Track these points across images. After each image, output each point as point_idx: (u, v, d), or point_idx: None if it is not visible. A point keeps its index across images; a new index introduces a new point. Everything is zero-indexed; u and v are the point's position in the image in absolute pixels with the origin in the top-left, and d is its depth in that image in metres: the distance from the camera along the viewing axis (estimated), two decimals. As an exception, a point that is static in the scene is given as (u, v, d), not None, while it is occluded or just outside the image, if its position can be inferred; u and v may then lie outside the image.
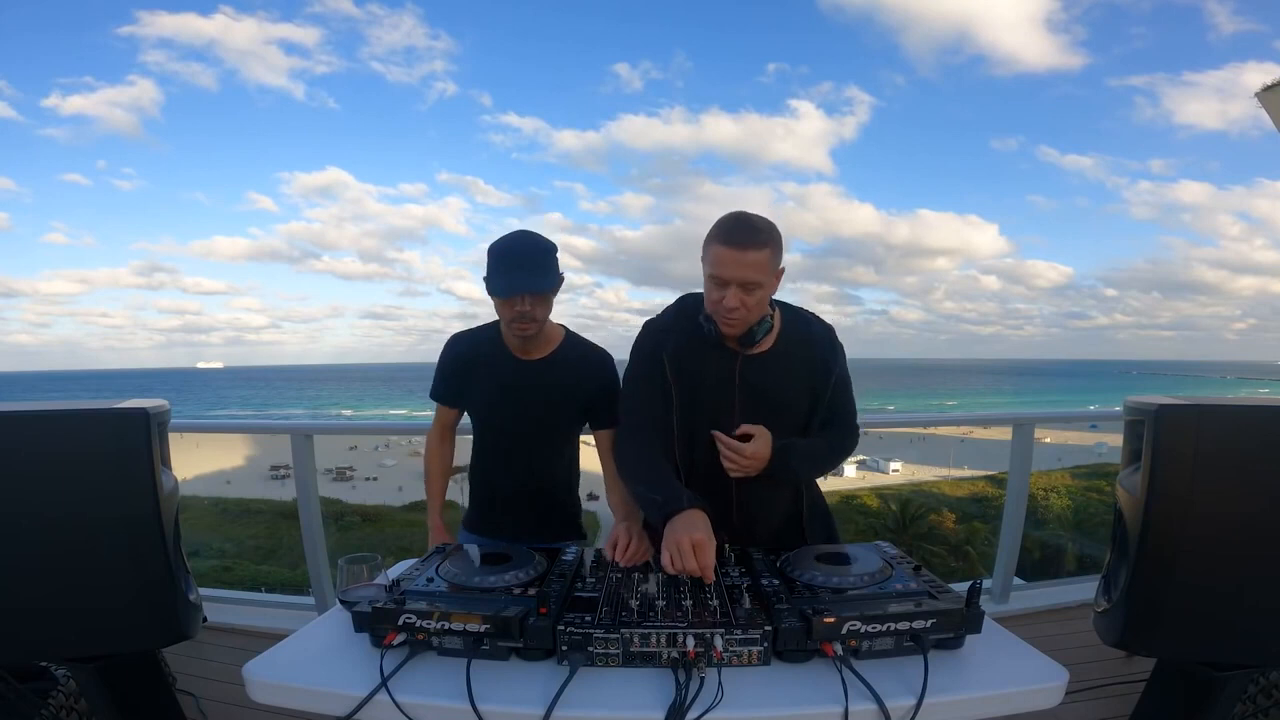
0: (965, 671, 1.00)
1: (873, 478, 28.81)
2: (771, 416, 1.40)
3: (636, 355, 1.47)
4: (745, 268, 1.28)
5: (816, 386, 1.45)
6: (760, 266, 1.29)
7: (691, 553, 1.13)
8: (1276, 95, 5.49)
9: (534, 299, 1.50)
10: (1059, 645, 2.20)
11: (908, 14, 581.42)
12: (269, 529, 15.43)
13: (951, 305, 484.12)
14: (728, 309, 1.31)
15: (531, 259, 1.50)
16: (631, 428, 1.44)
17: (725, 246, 1.29)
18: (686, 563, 1.12)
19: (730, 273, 1.29)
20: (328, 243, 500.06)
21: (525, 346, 1.63)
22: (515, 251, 1.50)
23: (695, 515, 1.20)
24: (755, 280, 1.30)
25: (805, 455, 1.41)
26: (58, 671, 1.53)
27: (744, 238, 1.29)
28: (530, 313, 1.51)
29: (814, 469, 1.50)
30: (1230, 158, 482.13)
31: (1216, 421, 1.22)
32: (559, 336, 1.68)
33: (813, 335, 1.47)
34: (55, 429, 1.20)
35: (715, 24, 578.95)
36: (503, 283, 1.48)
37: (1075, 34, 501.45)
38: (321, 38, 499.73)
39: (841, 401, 1.48)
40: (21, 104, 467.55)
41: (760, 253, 1.29)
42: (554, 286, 1.54)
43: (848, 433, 1.50)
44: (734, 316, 1.33)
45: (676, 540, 1.15)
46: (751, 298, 1.31)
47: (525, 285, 1.48)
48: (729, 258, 1.28)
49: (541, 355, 1.65)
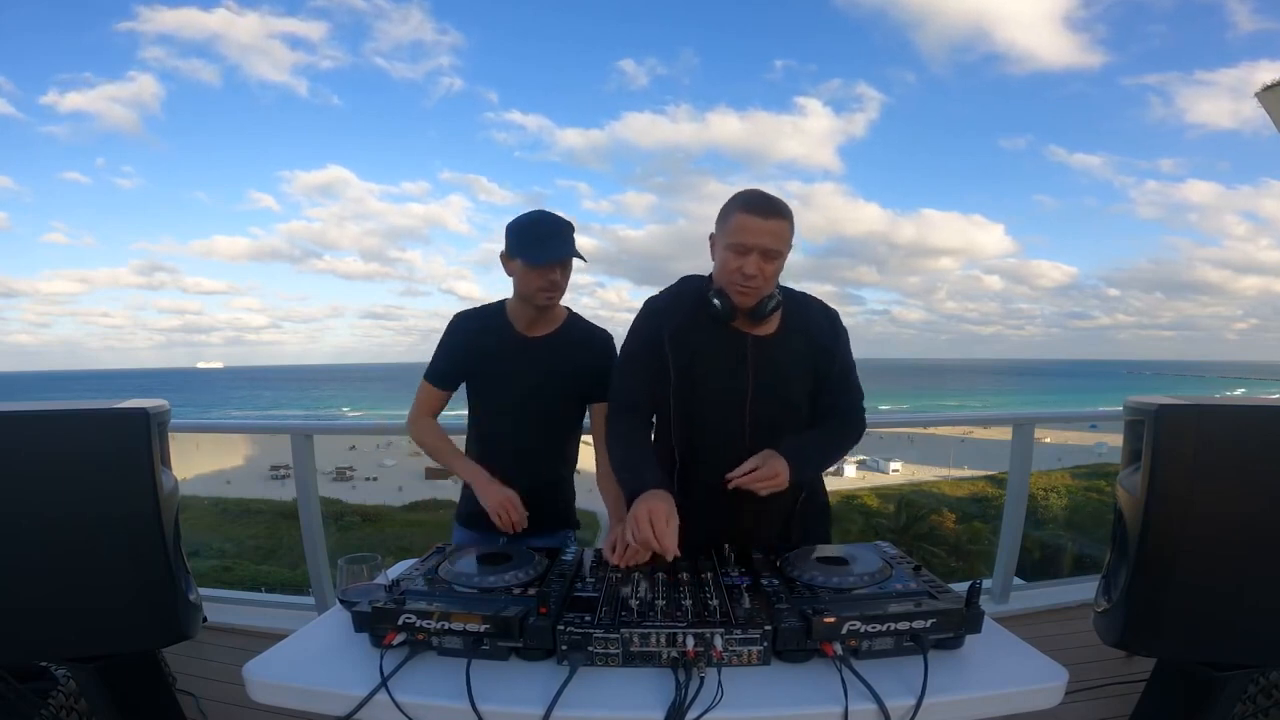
0: (965, 671, 1.00)
1: (873, 478, 28.79)
2: (781, 401, 1.41)
3: (634, 334, 1.46)
4: (767, 235, 1.30)
5: (819, 369, 1.45)
6: (781, 235, 1.32)
7: (647, 522, 1.14)
8: (1277, 95, 5.49)
9: (564, 268, 1.56)
10: (1059, 645, 2.20)
11: (923, 10, 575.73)
12: (269, 529, 15.41)
13: (953, 305, 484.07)
14: (747, 276, 1.32)
15: (563, 230, 1.56)
16: (623, 406, 1.45)
17: (749, 214, 1.31)
18: (642, 531, 1.14)
19: (753, 239, 1.30)
20: (329, 242, 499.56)
21: (534, 323, 1.65)
22: (547, 223, 1.56)
23: (655, 492, 1.22)
24: (775, 249, 1.32)
25: (814, 455, 1.40)
26: (58, 671, 1.53)
27: (767, 205, 1.32)
28: (559, 281, 1.57)
29: (822, 463, 1.48)
30: (1240, 157, 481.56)
31: (1216, 421, 1.22)
32: (563, 315, 1.71)
33: (815, 318, 1.47)
34: (55, 429, 1.20)
35: (723, 20, 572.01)
36: (541, 251, 1.53)
37: (1096, 32, 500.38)
38: (327, 32, 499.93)
39: (845, 387, 1.48)
40: (20, 100, 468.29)
41: (781, 222, 1.32)
42: (582, 256, 1.59)
43: (852, 421, 1.49)
44: (751, 284, 1.33)
45: (634, 513, 1.18)
46: (770, 266, 1.33)
47: (563, 251, 1.53)
48: (752, 224, 1.30)
49: (547, 332, 1.67)
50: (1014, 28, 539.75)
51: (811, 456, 1.38)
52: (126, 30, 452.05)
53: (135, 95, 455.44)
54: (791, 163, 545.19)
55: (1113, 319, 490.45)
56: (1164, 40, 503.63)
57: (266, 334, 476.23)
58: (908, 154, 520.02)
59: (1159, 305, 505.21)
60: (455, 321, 1.72)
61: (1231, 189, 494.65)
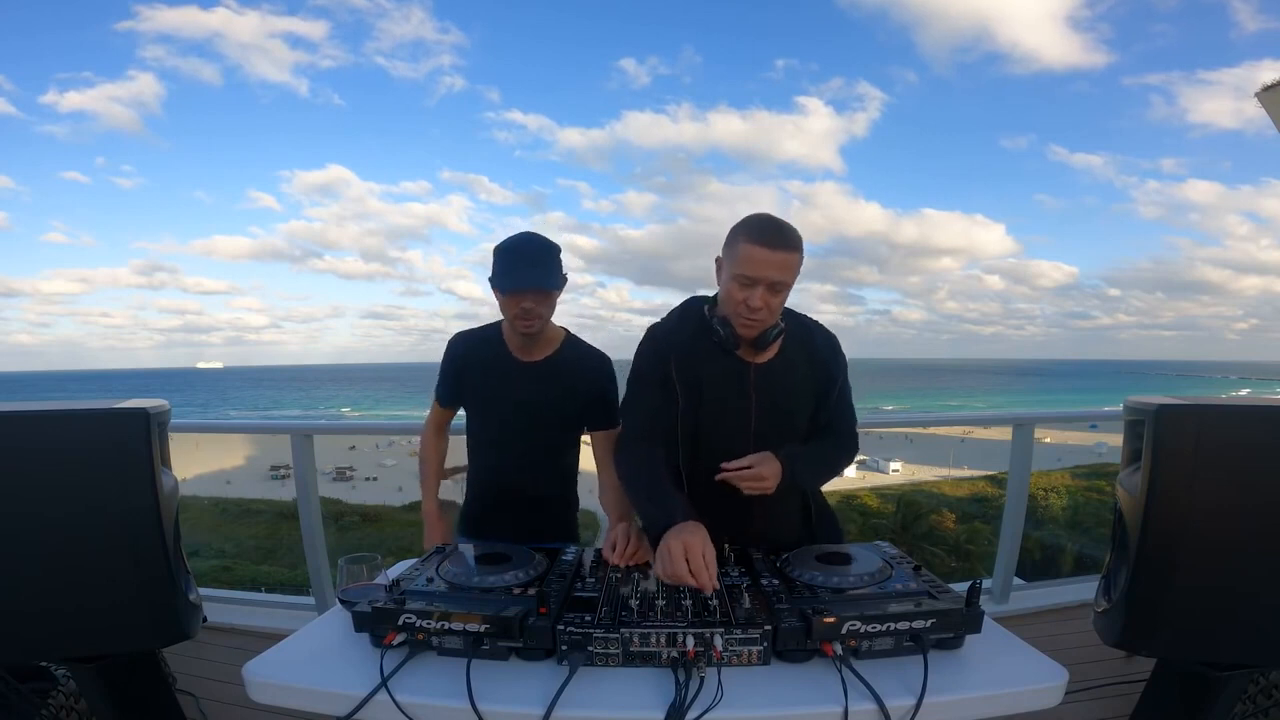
0: (965, 671, 1.00)
1: (873, 478, 28.78)
2: (783, 425, 1.41)
3: (641, 360, 1.45)
4: (774, 268, 1.28)
5: (820, 394, 1.45)
6: (789, 268, 1.30)
7: (682, 558, 1.10)
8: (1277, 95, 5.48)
9: (538, 296, 1.51)
10: (1059, 645, 2.20)
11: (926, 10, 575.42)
12: (269, 529, 15.42)
13: (954, 305, 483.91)
14: (752, 309, 1.30)
15: (537, 257, 1.53)
16: (634, 436, 1.42)
17: (758, 245, 1.28)
18: (676, 567, 1.09)
19: (761, 272, 1.28)
20: (329, 242, 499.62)
21: (526, 347, 1.63)
22: (522, 249, 1.53)
23: (691, 525, 1.17)
24: (783, 281, 1.30)
25: (811, 462, 1.41)
26: (58, 671, 1.53)
27: (777, 237, 1.29)
28: (534, 310, 1.52)
29: (819, 476, 1.49)
30: (1242, 157, 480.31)
31: (1216, 421, 1.22)
32: (559, 338, 1.68)
33: (816, 343, 1.47)
34: (55, 429, 1.20)
35: (725, 19, 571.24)
36: (508, 279, 1.50)
37: (1100, 32, 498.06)
38: (327, 31, 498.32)
39: (841, 410, 1.48)
40: (19, 99, 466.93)
41: (791, 255, 1.29)
42: (558, 286, 1.55)
43: (846, 440, 1.49)
44: (756, 318, 1.32)
45: (668, 545, 1.13)
46: (776, 299, 1.31)
47: (530, 281, 1.50)
48: (762, 257, 1.27)
49: (542, 356, 1.65)
50: (1018, 27, 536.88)
51: (807, 464, 1.38)
52: (126, 29, 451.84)
53: (135, 94, 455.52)
54: (793, 162, 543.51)
55: (1113, 319, 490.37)
56: (1167, 40, 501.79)
57: (267, 334, 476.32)
58: (909, 153, 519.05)
59: (1160, 305, 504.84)
60: (452, 343, 1.72)
61: (1233, 189, 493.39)
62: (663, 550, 1.13)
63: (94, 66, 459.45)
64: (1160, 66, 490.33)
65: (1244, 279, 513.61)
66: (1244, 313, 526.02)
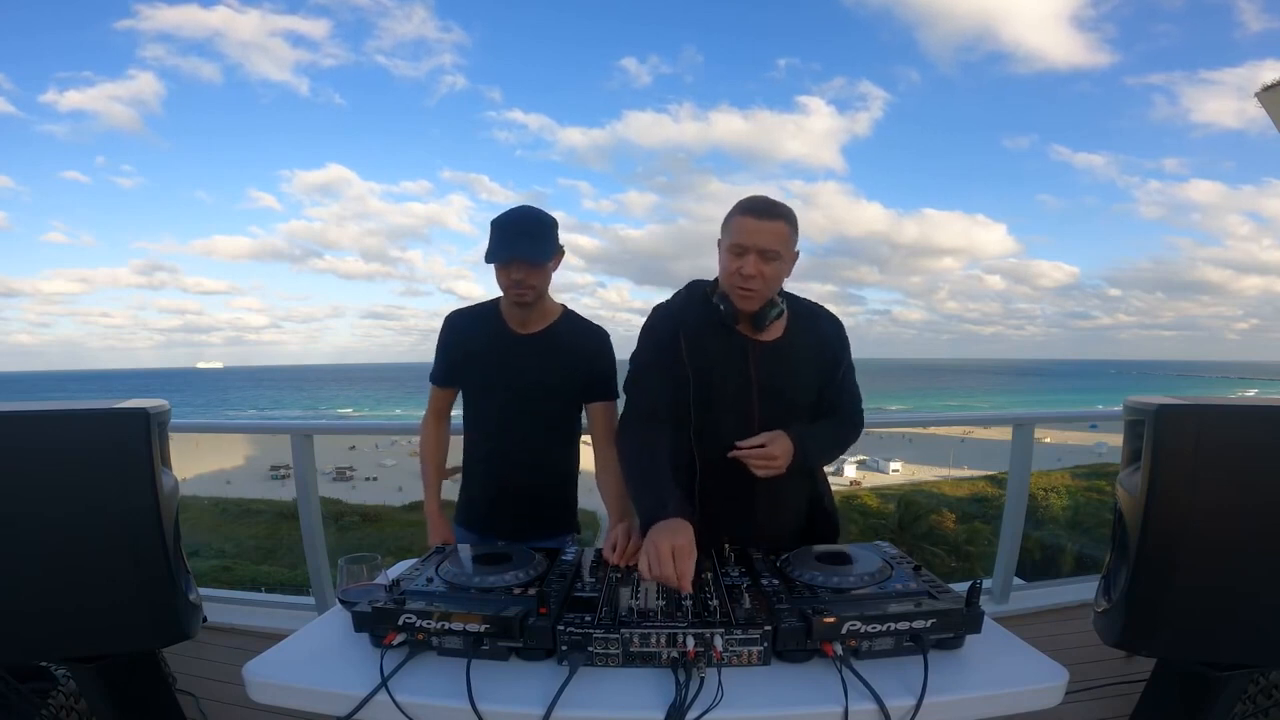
0: (965, 671, 1.00)
1: (873, 478, 28.81)
2: (786, 409, 1.41)
3: (648, 339, 1.44)
4: (764, 235, 1.32)
5: (824, 377, 1.46)
6: (779, 236, 1.33)
7: (670, 558, 1.09)
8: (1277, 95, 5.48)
9: (529, 268, 1.52)
10: (1059, 645, 2.20)
11: (929, 9, 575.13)
12: (269, 529, 15.44)
13: (954, 305, 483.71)
14: (745, 276, 1.32)
15: (527, 229, 1.54)
16: (639, 415, 1.42)
17: (748, 216, 1.33)
18: (664, 569, 1.09)
19: (750, 239, 1.32)
20: (329, 241, 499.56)
21: (523, 320, 1.64)
22: (514, 221, 1.54)
23: (678, 523, 1.16)
24: (773, 249, 1.32)
25: (820, 440, 1.41)
26: (58, 671, 1.53)
27: (765, 207, 1.34)
28: (524, 280, 1.53)
29: (827, 454, 1.49)
30: (1244, 157, 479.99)
31: (1216, 421, 1.22)
32: (557, 312, 1.69)
33: (821, 326, 1.48)
34: (55, 429, 1.20)
35: (726, 19, 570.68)
36: (499, 250, 1.52)
37: (1105, 31, 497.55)
38: (329, 30, 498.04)
39: (846, 391, 1.49)
40: (19, 99, 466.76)
41: (779, 223, 1.33)
42: (548, 257, 1.56)
43: (851, 421, 1.50)
44: (750, 286, 1.33)
45: (656, 545, 1.12)
46: (769, 268, 1.33)
47: (519, 251, 1.51)
48: (751, 225, 1.32)
49: (539, 329, 1.65)
50: (1021, 27, 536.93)
51: (818, 442, 1.39)
52: (126, 28, 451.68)
53: (135, 94, 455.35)
54: (794, 162, 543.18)
55: (1114, 319, 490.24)
56: (1171, 39, 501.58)
57: (267, 334, 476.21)
58: (911, 153, 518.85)
59: (1160, 305, 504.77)
60: (449, 319, 1.73)
61: (1235, 189, 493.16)
62: (650, 548, 1.12)
63: (94, 66, 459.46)
64: (1163, 66, 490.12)
65: (1245, 279, 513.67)
66: (1244, 313, 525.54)
